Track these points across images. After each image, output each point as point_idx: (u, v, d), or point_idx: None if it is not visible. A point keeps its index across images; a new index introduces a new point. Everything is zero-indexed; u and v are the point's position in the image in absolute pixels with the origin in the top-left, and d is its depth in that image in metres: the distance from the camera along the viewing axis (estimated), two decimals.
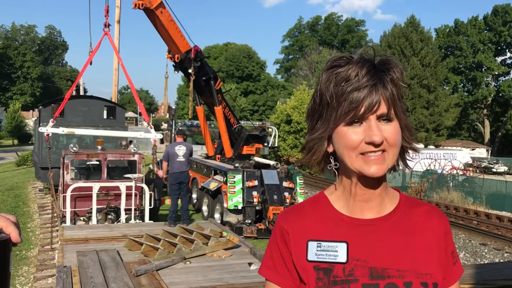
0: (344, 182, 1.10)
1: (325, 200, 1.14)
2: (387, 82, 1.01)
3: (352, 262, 1.03)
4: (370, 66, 1.01)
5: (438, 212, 1.14)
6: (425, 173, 23.65)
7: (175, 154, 9.46)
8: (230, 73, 61.37)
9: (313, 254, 1.06)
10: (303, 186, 12.37)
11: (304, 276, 1.06)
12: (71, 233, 8.08)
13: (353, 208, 1.09)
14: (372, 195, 1.08)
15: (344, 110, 1.00)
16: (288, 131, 29.61)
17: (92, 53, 11.71)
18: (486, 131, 54.42)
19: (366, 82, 0.99)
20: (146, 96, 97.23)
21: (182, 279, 5.65)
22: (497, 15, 52.41)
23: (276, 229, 1.15)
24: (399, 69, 1.05)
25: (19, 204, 15.38)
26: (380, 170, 1.01)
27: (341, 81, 1.01)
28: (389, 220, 1.09)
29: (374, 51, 1.07)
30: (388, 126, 1.01)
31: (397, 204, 1.12)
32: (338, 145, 1.04)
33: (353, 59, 1.04)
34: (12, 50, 69.16)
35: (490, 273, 2.97)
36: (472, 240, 13.17)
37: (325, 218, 1.10)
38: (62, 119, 13.59)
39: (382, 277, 1.02)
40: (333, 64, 1.04)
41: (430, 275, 1.04)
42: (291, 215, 1.14)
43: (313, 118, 1.09)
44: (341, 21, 72.61)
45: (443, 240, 1.10)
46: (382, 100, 1.00)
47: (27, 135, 51.50)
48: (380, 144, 0.99)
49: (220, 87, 14.36)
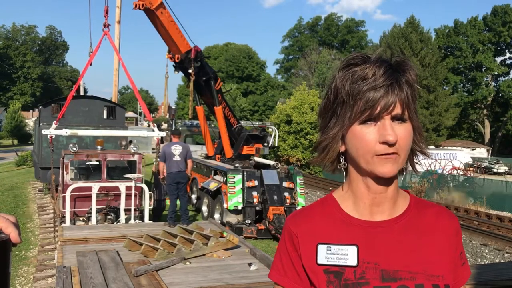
0: (353, 183, 1.09)
1: (334, 202, 1.12)
2: (403, 83, 1.01)
3: (363, 265, 1.02)
4: (388, 67, 1.01)
5: (448, 213, 1.14)
6: (425, 173, 23.65)
7: (171, 154, 9.41)
8: (230, 73, 61.36)
9: (323, 258, 1.05)
10: (303, 186, 12.36)
11: (315, 279, 1.05)
12: (70, 233, 8.07)
13: (363, 210, 1.08)
14: (384, 198, 1.07)
15: (359, 109, 1.00)
16: (288, 131, 29.59)
17: (93, 54, 11.70)
18: (486, 131, 54.44)
19: (383, 82, 0.99)
20: (146, 96, 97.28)
21: (182, 280, 5.65)
22: (496, 15, 52.43)
23: (285, 233, 1.13)
24: (414, 71, 1.05)
25: (19, 204, 15.37)
26: (391, 170, 1.00)
27: (358, 79, 1.01)
28: (400, 222, 1.08)
29: (392, 53, 1.07)
30: (402, 128, 1.00)
31: (408, 206, 1.11)
32: (351, 144, 1.03)
33: (370, 58, 1.03)
34: (12, 50, 69.18)
35: (490, 274, 2.97)
36: (473, 240, 13.16)
37: (334, 221, 1.09)
38: (62, 119, 13.54)
39: (394, 280, 1.01)
40: (350, 63, 1.04)
41: (442, 277, 1.03)
42: (300, 218, 1.13)
43: (326, 116, 1.08)
44: (341, 22, 72.69)
45: (454, 240, 1.10)
46: (398, 101, 1.00)
47: (27, 135, 51.48)
48: (394, 144, 0.98)
49: (220, 87, 14.35)
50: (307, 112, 28.59)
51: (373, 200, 1.06)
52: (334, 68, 1.06)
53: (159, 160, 9.94)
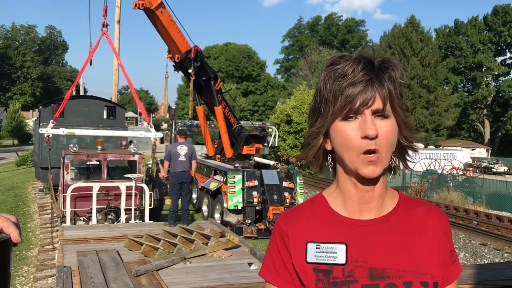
0: (341, 182, 1.10)
1: (323, 201, 1.14)
2: (384, 79, 1.02)
3: (352, 263, 1.03)
4: (367, 63, 1.03)
5: (437, 211, 1.14)
6: (425, 173, 23.64)
7: (177, 153, 9.43)
8: (230, 73, 61.36)
9: (312, 256, 1.06)
10: (303, 186, 12.38)
11: (304, 277, 1.06)
12: (71, 233, 8.08)
13: (352, 209, 1.09)
14: (371, 197, 1.07)
15: (340, 105, 1.01)
16: (288, 131, 29.60)
17: (90, 53, 11.68)
18: (486, 131, 54.41)
19: (362, 77, 1.00)
20: (146, 96, 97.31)
21: (182, 279, 5.65)
22: (497, 15, 52.40)
23: (276, 231, 1.15)
24: (398, 68, 1.05)
25: (19, 204, 15.38)
26: (374, 171, 1.01)
27: (338, 77, 1.03)
28: (389, 220, 1.09)
29: (374, 51, 1.08)
30: (384, 123, 1.01)
31: (396, 204, 1.12)
32: (335, 141, 1.05)
33: (351, 57, 1.05)
34: (12, 50, 69.14)
35: (490, 273, 2.97)
36: (472, 240, 13.16)
37: (323, 220, 1.10)
38: (62, 119, 13.59)
39: (382, 278, 1.02)
40: (332, 62, 1.06)
41: (430, 275, 1.04)
42: (290, 217, 1.14)
43: (314, 116, 1.10)
44: (341, 21, 72.66)
45: (443, 239, 1.10)
46: (378, 96, 1.00)
47: (27, 135, 51.45)
48: (375, 138, 0.99)
49: (220, 87, 14.35)
50: (307, 112, 28.51)
51: (361, 198, 1.07)
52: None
53: (164, 159, 9.96)
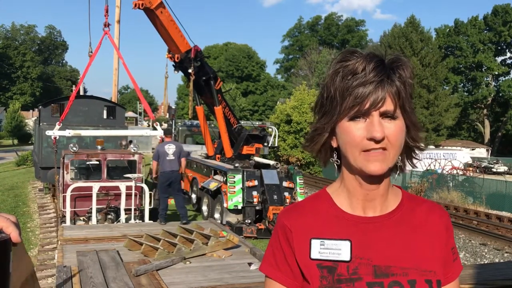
0: (346, 179, 1.10)
1: (327, 197, 1.13)
2: (395, 80, 1.01)
3: (356, 260, 1.03)
4: (378, 62, 1.01)
5: (439, 208, 1.14)
6: (425, 173, 23.64)
7: (165, 153, 9.45)
8: (230, 73, 61.35)
9: (317, 252, 1.05)
10: (303, 186, 12.37)
11: (308, 274, 1.05)
12: (71, 233, 8.08)
13: (356, 206, 1.09)
14: (375, 195, 1.07)
15: (348, 105, 1.00)
16: (288, 131, 29.57)
17: (93, 54, 11.70)
18: (486, 131, 54.40)
19: (373, 78, 0.98)
20: (146, 96, 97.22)
21: (182, 279, 5.66)
22: (497, 15, 52.39)
23: (278, 227, 1.13)
24: (408, 67, 1.04)
25: (19, 204, 15.37)
26: (380, 168, 1.00)
27: (348, 74, 1.01)
28: (392, 218, 1.09)
29: (386, 51, 1.07)
30: (392, 124, 1.00)
31: (400, 202, 1.12)
32: (341, 140, 1.04)
33: (362, 54, 1.03)
34: (12, 50, 69.16)
35: (490, 273, 2.97)
36: (472, 240, 13.17)
37: (327, 216, 1.10)
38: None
39: (386, 275, 1.02)
40: (343, 58, 1.04)
41: (434, 273, 1.04)
42: (293, 212, 1.13)
43: (320, 111, 1.09)
44: (341, 21, 72.64)
45: (444, 236, 1.10)
46: (388, 97, 0.99)
47: (27, 135, 51.45)
48: (381, 140, 0.98)
49: (220, 87, 14.34)
50: (307, 112, 28.57)
51: (365, 196, 1.07)
52: (329, 64, 1.07)
53: (153, 159, 9.97)
